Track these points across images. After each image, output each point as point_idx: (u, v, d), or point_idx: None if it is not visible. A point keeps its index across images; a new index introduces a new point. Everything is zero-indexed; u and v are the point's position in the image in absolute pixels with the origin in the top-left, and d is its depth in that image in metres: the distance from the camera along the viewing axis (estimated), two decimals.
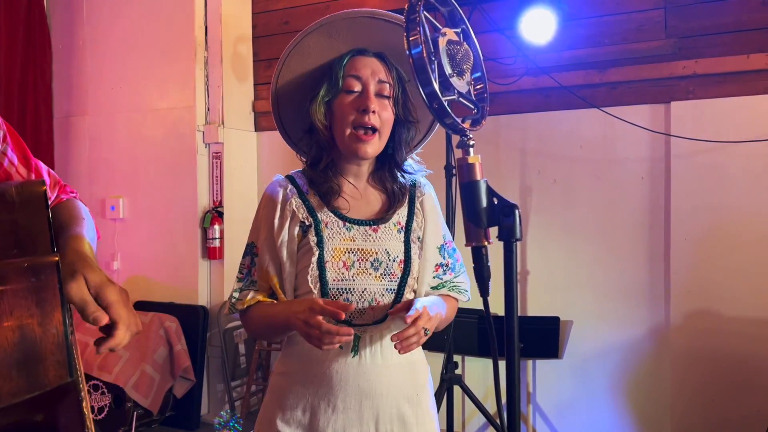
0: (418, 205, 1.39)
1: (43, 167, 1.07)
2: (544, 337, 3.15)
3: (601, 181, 3.13)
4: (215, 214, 3.79)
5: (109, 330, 0.86)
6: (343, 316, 1.15)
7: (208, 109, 3.82)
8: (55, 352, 0.76)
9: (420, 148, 1.48)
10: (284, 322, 1.26)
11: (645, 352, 3.06)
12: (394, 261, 1.32)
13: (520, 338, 3.11)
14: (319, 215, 1.32)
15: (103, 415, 3.39)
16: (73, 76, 4.13)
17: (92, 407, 3.42)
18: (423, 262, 1.37)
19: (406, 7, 0.88)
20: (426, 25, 0.87)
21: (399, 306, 1.27)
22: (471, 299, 1.45)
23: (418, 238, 1.37)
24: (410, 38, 0.85)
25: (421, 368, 1.41)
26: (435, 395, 3.01)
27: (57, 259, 0.79)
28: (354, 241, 1.31)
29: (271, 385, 1.39)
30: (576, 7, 3.09)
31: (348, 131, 1.29)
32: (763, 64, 2.77)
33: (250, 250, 1.38)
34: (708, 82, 2.89)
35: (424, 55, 0.83)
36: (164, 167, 3.87)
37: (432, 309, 1.24)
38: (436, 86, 0.84)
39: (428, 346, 3.26)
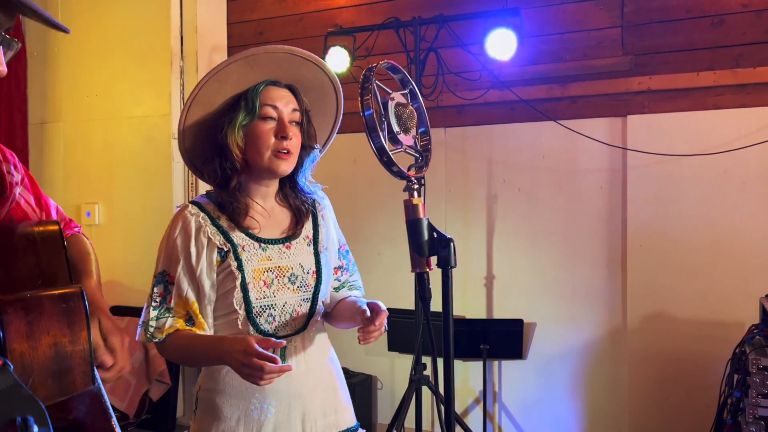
0: (320, 218, 1.55)
1: (53, 205, 1.18)
2: (509, 339, 3.28)
3: (563, 190, 3.28)
4: None
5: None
6: (280, 362, 1.25)
7: None
8: (81, 364, 0.92)
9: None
10: (215, 358, 1.35)
11: (604, 352, 3.22)
12: (308, 273, 1.47)
13: (486, 340, 3.26)
14: (234, 240, 1.42)
15: None
16: (48, 83, 4.15)
17: None
18: (327, 269, 1.52)
19: (361, 76, 1.00)
20: (377, 92, 0.99)
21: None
22: (365, 294, 1.65)
23: (325, 248, 1.53)
24: (363, 102, 0.98)
25: (335, 364, 1.57)
26: (404, 396, 3.12)
27: (82, 289, 0.96)
28: (271, 260, 1.44)
29: (202, 401, 1.47)
30: (538, 24, 3.23)
31: (268, 154, 1.40)
32: (712, 81, 2.94)
33: (163, 279, 1.43)
34: (661, 98, 3.05)
35: (375, 116, 0.96)
36: (140, 174, 3.91)
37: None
38: (385, 143, 0.97)
39: (398, 348, 3.39)
